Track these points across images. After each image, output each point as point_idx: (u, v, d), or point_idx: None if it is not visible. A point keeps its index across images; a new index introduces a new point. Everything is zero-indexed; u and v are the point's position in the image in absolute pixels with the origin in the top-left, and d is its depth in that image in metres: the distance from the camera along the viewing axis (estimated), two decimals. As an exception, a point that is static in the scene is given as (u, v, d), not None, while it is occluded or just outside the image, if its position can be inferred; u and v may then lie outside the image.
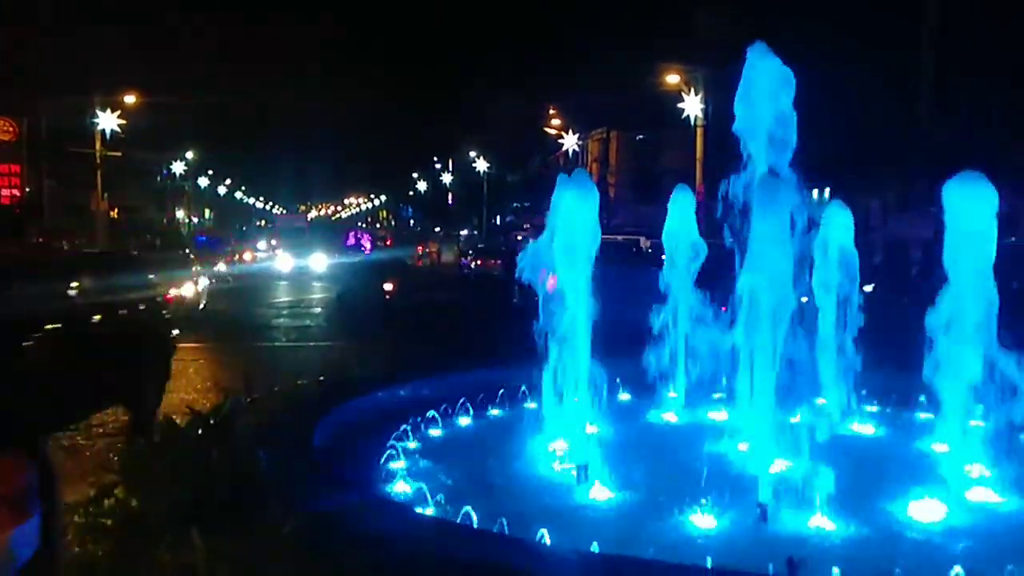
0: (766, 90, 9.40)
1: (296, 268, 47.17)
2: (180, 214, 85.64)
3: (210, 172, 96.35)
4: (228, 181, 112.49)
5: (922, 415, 9.82)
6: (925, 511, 7.04)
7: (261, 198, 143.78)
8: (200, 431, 6.75)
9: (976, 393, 8.22)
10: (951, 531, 6.78)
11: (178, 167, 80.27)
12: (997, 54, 29.38)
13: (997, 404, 8.14)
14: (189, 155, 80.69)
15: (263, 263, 51.56)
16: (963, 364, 8.22)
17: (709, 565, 5.54)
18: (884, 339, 10.79)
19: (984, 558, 6.02)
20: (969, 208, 8.02)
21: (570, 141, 61.49)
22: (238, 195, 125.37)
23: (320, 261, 48.28)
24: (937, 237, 8.48)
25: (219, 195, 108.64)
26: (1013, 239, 10.08)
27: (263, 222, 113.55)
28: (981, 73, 29.79)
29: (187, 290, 24.80)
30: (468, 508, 6.38)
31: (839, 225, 10.79)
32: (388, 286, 29.54)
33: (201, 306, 25.47)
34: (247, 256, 55.85)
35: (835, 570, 5.51)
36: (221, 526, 4.68)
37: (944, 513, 7.04)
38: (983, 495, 7.52)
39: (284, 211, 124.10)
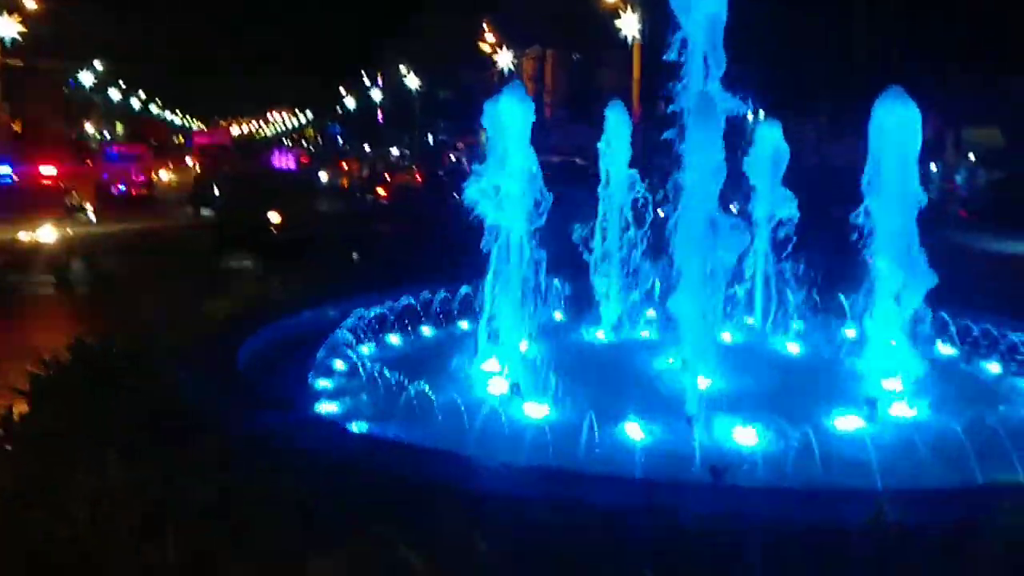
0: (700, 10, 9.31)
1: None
2: (90, 128, 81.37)
3: (122, 84, 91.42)
4: (142, 95, 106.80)
5: (848, 333, 10.07)
6: (844, 423, 7.31)
7: (178, 112, 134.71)
8: (114, 355, 6.57)
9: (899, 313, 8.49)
10: (868, 440, 7.03)
11: (86, 78, 75.69)
12: None
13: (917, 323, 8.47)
14: (98, 65, 75.97)
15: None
16: (885, 283, 8.49)
17: (638, 475, 5.65)
18: (814, 260, 11.00)
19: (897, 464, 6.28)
20: (893, 125, 8.14)
21: (504, 58, 60.49)
22: (153, 109, 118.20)
23: None
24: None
25: (133, 109, 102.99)
26: None
27: (180, 138, 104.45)
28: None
29: (46, 234, 19.33)
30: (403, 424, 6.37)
31: (770, 143, 10.86)
32: (275, 217, 22.21)
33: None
34: (164, 175, 50.26)
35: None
36: (139, 448, 4.55)
37: (862, 424, 7.31)
38: (899, 409, 7.80)
39: (203, 128, 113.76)
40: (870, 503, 3.81)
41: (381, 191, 38.36)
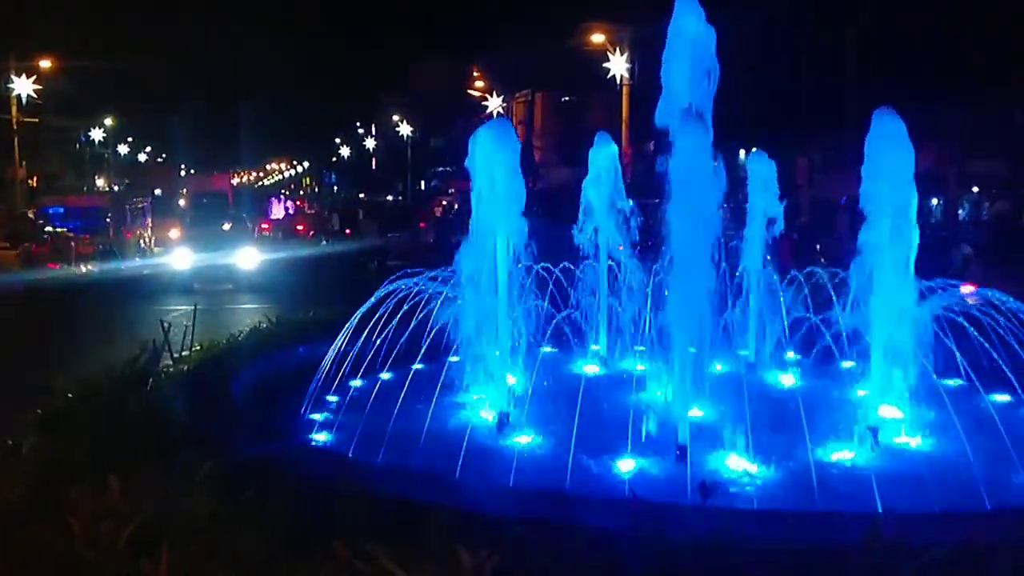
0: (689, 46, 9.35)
1: (203, 269, 27.84)
2: (100, 182, 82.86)
3: (130, 139, 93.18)
4: (148, 148, 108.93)
5: (844, 364, 9.92)
6: (840, 453, 7.15)
7: (182, 166, 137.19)
8: (117, 385, 6.79)
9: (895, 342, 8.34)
10: (863, 469, 6.88)
11: (97, 134, 77.96)
12: (920, 15, 29.91)
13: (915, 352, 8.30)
14: (108, 121, 78.33)
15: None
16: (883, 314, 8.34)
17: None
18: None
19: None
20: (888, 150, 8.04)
21: (494, 103, 61.06)
22: (160, 161, 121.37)
23: (249, 256, 29.72)
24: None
25: (139, 162, 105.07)
26: None
27: (184, 191, 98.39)
28: (905, 31, 30.31)
29: None
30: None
31: (760, 176, 10.84)
32: None
33: None
34: (173, 233, 35.69)
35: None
36: (138, 470, 4.65)
37: (856, 454, 7.16)
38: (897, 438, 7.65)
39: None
40: (863, 525, 3.66)
41: None
